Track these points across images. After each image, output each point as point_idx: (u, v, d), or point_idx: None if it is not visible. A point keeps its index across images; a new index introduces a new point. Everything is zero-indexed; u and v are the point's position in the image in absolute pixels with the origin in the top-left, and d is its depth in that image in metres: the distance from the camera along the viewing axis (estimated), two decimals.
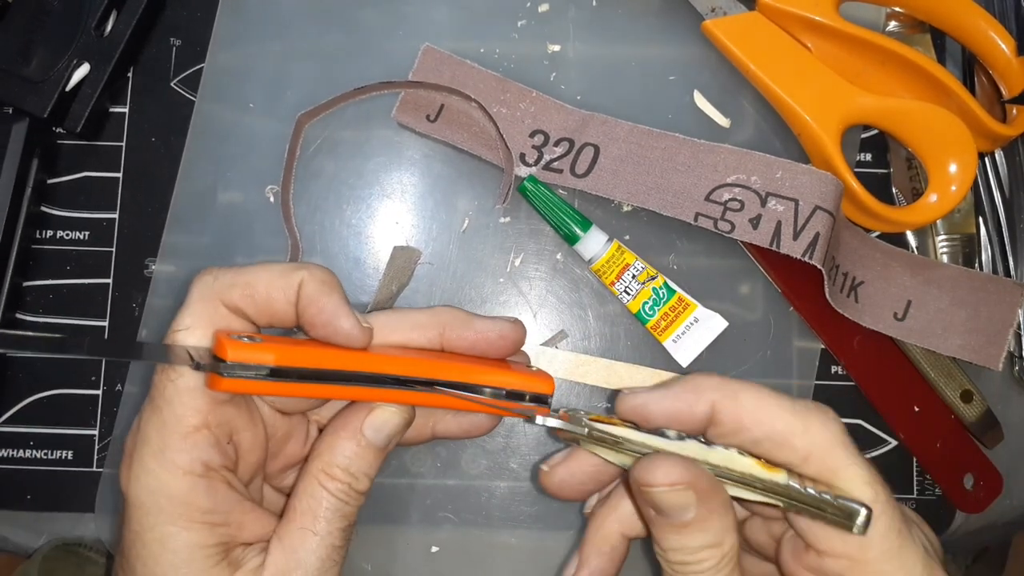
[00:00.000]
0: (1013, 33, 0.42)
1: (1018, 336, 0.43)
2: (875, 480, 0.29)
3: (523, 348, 0.35)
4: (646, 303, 0.42)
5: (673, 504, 0.28)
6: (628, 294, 0.42)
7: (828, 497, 0.28)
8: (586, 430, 0.31)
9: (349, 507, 0.31)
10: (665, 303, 0.42)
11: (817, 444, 0.29)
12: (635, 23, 0.44)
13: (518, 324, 0.34)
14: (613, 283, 0.42)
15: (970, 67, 0.45)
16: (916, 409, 0.43)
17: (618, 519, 0.33)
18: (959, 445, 0.43)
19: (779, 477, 0.29)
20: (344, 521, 0.31)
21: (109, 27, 0.43)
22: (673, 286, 0.42)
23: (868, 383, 0.43)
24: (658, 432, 0.30)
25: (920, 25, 0.45)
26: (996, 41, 0.42)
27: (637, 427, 0.31)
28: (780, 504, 0.29)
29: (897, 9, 0.44)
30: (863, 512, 0.28)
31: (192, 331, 0.30)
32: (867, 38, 0.41)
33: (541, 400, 0.32)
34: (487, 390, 0.32)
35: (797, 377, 0.43)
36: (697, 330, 0.42)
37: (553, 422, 0.31)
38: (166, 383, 0.29)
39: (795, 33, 0.43)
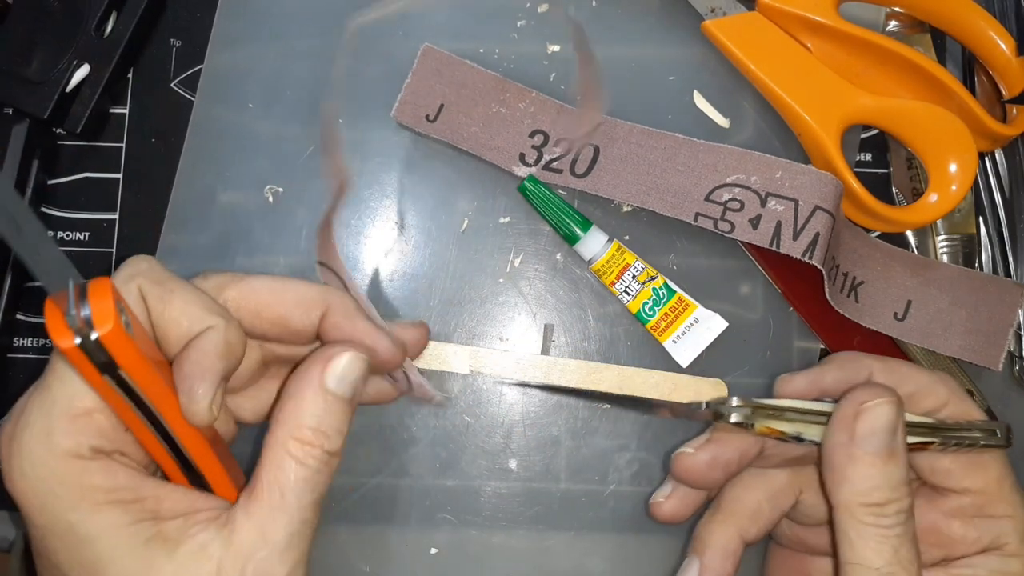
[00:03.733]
0: (1013, 33, 0.42)
1: (1018, 336, 0.42)
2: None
3: (524, 360, 0.34)
4: (646, 303, 0.42)
5: (885, 422, 0.31)
6: (628, 294, 0.42)
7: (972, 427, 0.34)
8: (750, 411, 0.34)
9: (321, 475, 0.29)
10: (665, 303, 0.42)
11: (950, 394, 0.35)
12: (635, 23, 0.44)
13: (398, 349, 0.33)
14: (613, 283, 0.42)
15: (970, 67, 0.44)
16: None
17: (737, 524, 0.36)
18: None
19: (928, 419, 0.34)
20: (315, 493, 0.29)
21: (109, 28, 0.43)
22: (673, 286, 0.42)
23: None
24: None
25: (920, 25, 0.45)
26: (996, 41, 0.42)
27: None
28: (936, 440, 0.33)
29: (897, 9, 0.44)
30: (1003, 427, 0.34)
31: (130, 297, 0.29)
32: (867, 38, 0.41)
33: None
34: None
35: None
36: (697, 330, 0.42)
37: (736, 415, 0.34)
38: (59, 357, 0.27)
39: (795, 33, 0.43)
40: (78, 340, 0.25)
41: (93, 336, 0.25)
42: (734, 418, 0.33)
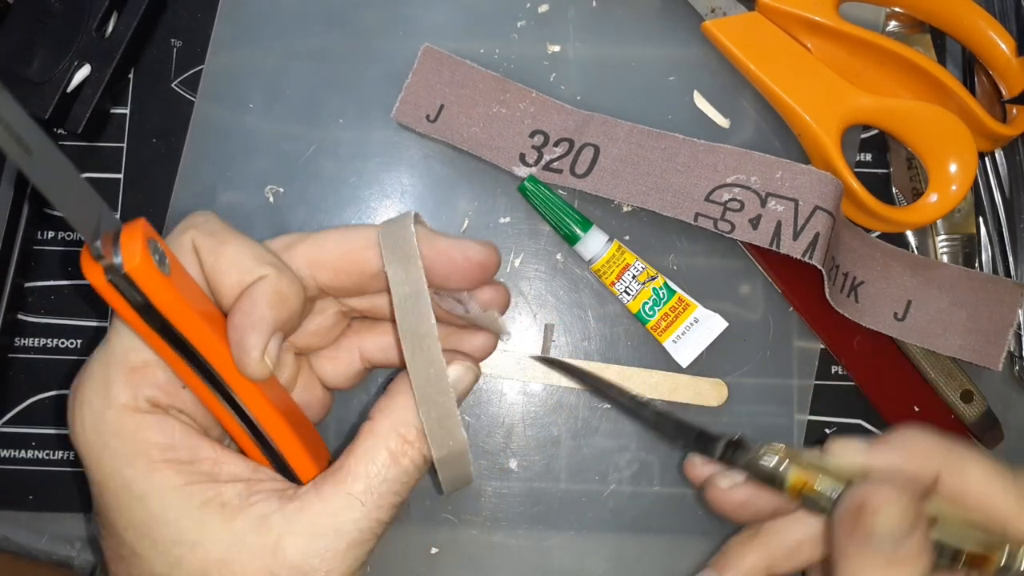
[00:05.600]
0: (1013, 33, 0.42)
1: (1018, 336, 0.43)
2: None
3: (525, 360, 0.34)
4: (646, 303, 0.42)
5: (885, 531, 0.28)
6: (628, 294, 0.42)
7: None
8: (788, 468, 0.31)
9: (410, 479, 0.28)
10: (665, 303, 0.42)
11: (1021, 508, 0.29)
12: (635, 23, 0.44)
13: (489, 247, 0.31)
14: (613, 283, 0.42)
15: (970, 67, 0.44)
16: (916, 409, 0.43)
17: (770, 556, 0.33)
18: None
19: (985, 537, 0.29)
20: (398, 496, 0.28)
21: (110, 28, 0.43)
22: (673, 286, 0.42)
23: (868, 383, 0.43)
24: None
25: (920, 25, 0.45)
26: (996, 41, 0.42)
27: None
28: (991, 554, 0.29)
29: (897, 9, 0.44)
30: None
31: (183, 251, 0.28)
32: (867, 38, 0.41)
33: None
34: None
35: (797, 377, 0.43)
36: (697, 330, 0.42)
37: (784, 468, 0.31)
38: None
39: (795, 33, 0.43)
40: (107, 277, 0.24)
41: (121, 272, 0.24)
42: (765, 461, 0.31)
